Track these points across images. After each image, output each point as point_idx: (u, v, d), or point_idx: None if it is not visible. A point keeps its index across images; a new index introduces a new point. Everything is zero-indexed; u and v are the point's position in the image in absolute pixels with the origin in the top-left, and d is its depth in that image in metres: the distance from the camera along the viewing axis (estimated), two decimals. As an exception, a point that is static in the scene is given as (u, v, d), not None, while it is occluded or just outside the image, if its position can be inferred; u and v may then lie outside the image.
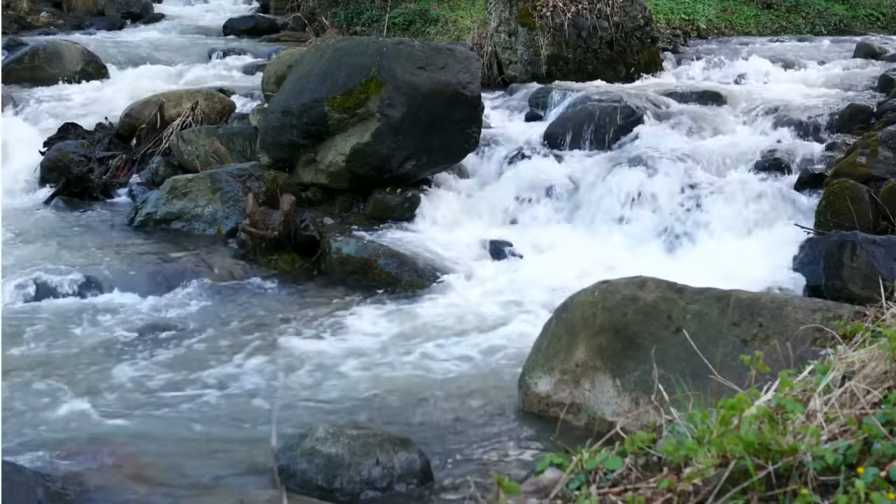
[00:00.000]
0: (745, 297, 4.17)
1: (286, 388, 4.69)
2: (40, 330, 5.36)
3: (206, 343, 5.26)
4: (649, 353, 3.91)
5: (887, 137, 6.45)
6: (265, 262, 6.50)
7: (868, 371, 2.39)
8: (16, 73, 10.98)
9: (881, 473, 1.97)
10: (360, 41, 8.12)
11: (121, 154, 8.48)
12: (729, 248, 6.42)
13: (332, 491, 3.61)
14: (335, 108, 7.16)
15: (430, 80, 7.23)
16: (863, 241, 5.56)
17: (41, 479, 3.26)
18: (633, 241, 6.73)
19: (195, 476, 3.78)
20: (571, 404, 4.20)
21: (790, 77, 9.79)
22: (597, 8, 10.09)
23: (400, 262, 6.29)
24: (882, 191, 6.04)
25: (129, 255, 6.55)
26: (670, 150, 7.27)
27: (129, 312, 5.67)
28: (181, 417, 4.36)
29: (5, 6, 14.78)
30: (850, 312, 3.88)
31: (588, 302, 4.30)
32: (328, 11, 15.02)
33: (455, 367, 5.00)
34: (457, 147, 7.45)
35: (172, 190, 7.27)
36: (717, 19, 13.03)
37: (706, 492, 2.02)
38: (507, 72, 10.21)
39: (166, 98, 8.92)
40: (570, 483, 2.24)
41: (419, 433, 4.16)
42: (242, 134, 8.28)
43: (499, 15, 10.28)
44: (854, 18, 13.70)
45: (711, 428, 2.19)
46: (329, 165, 7.26)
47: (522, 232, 6.99)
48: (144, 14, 16.66)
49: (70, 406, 4.42)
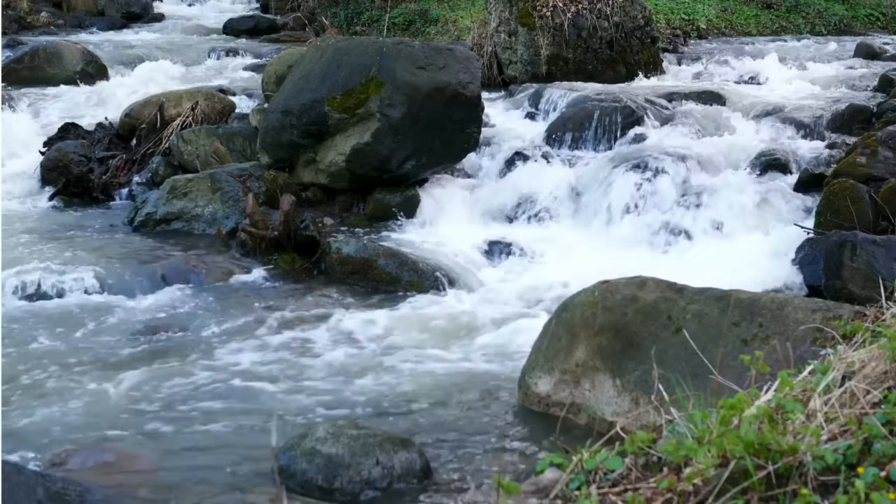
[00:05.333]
0: (745, 297, 4.16)
1: (286, 388, 4.68)
2: (40, 330, 5.36)
3: (205, 343, 5.26)
4: (649, 353, 3.91)
5: (887, 137, 6.45)
6: (265, 262, 6.50)
7: (868, 371, 2.40)
8: (16, 73, 10.98)
9: (881, 473, 1.97)
10: (360, 41, 8.12)
11: (121, 154, 8.48)
12: (729, 247, 6.42)
13: (332, 491, 3.61)
14: (335, 108, 7.16)
15: (430, 80, 7.23)
16: (863, 241, 5.56)
17: (41, 479, 3.26)
18: (632, 240, 6.73)
19: (195, 476, 3.78)
20: (571, 404, 4.20)
21: (790, 77, 9.79)
22: (597, 8, 10.10)
23: (400, 262, 6.29)
24: (882, 191, 6.04)
25: (129, 255, 6.54)
26: (670, 150, 7.28)
27: (129, 312, 5.67)
28: (181, 417, 4.36)
29: (5, 6, 14.79)
30: (850, 312, 3.88)
31: (588, 302, 4.30)
32: (328, 11, 15.03)
33: (455, 367, 4.99)
34: (457, 147, 7.45)
35: (172, 190, 7.27)
36: (717, 19, 13.04)
37: (706, 492, 2.02)
38: (507, 72, 10.21)
39: (166, 98, 8.91)
40: (570, 483, 2.25)
41: (419, 433, 4.16)
42: (242, 134, 8.28)
43: (499, 15, 10.28)
44: (854, 18, 13.71)
45: (711, 428, 2.19)
46: (329, 165, 7.26)
47: (522, 232, 6.99)
48: (144, 14, 16.68)
49: (70, 406, 4.42)
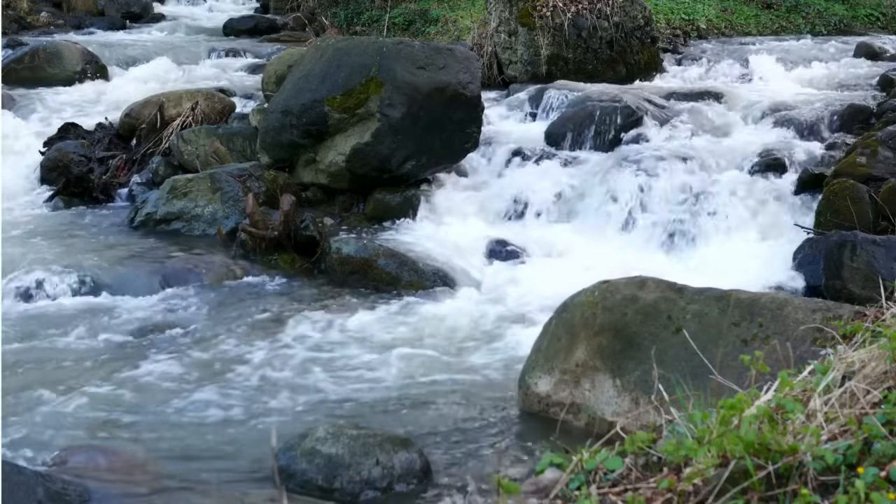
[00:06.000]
0: (745, 297, 4.16)
1: (286, 388, 4.68)
2: (40, 330, 5.36)
3: (205, 343, 5.26)
4: (649, 353, 3.91)
5: (887, 137, 6.45)
6: (265, 262, 6.50)
7: (868, 371, 2.40)
8: (16, 73, 10.97)
9: (881, 473, 1.97)
10: (360, 41, 8.12)
11: (121, 154, 8.48)
12: (729, 248, 6.42)
13: (332, 491, 3.61)
14: (335, 108, 7.16)
15: (430, 80, 7.22)
16: (863, 241, 5.56)
17: (41, 479, 3.25)
18: (632, 241, 6.73)
19: (195, 476, 3.78)
20: (571, 404, 4.20)
21: (790, 77, 9.78)
22: (597, 8, 10.09)
23: (400, 262, 6.29)
24: (882, 191, 6.04)
25: (129, 256, 6.54)
26: (670, 150, 7.28)
27: (129, 312, 5.67)
28: (181, 417, 4.36)
29: (5, 6, 14.78)
30: (850, 312, 3.88)
31: (588, 302, 4.30)
32: (328, 11, 15.03)
33: (455, 367, 4.99)
34: (457, 147, 7.45)
35: (172, 190, 7.27)
36: (717, 19, 13.03)
37: (706, 492, 2.02)
38: (507, 72, 10.21)
39: (166, 98, 8.91)
40: (570, 483, 2.25)
41: (419, 433, 4.16)
42: (242, 134, 8.27)
43: (499, 15, 10.28)
44: (854, 18, 13.70)
45: (711, 428, 2.19)
46: (329, 165, 7.25)
47: (522, 232, 6.99)
48: (144, 14, 16.69)
49: (70, 406, 4.42)
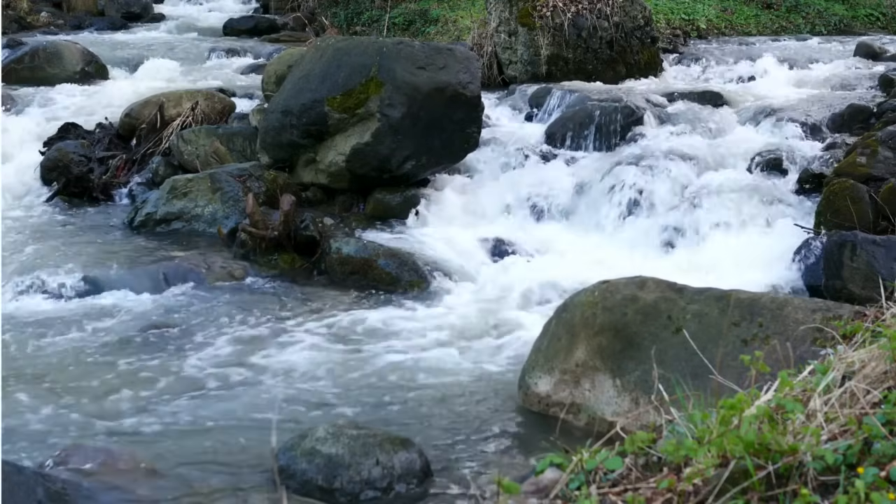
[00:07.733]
0: (745, 297, 4.16)
1: (286, 388, 4.68)
2: (40, 330, 5.36)
3: (205, 343, 5.26)
4: (649, 353, 3.91)
5: (887, 137, 6.44)
6: (265, 262, 6.50)
7: (868, 371, 2.40)
8: (16, 73, 10.95)
9: (881, 473, 1.97)
10: (360, 41, 8.12)
11: (121, 154, 8.47)
12: (729, 248, 6.41)
13: (332, 491, 3.61)
14: (335, 108, 7.16)
15: (430, 80, 7.23)
16: (863, 241, 5.56)
17: (41, 479, 3.25)
18: (633, 241, 6.73)
19: (195, 476, 3.78)
20: (571, 404, 4.20)
21: (790, 77, 9.78)
22: (597, 8, 10.09)
23: (400, 262, 6.29)
24: (882, 191, 6.04)
25: (129, 256, 6.55)
26: (670, 150, 7.27)
27: (129, 312, 5.67)
28: (181, 417, 4.36)
29: (5, 6, 14.78)
30: (850, 312, 3.88)
31: (588, 302, 4.30)
32: (328, 11, 15.02)
33: (455, 367, 4.99)
34: (457, 147, 7.45)
35: (172, 190, 7.27)
36: (717, 19, 13.02)
37: (706, 492, 2.02)
38: (507, 72, 10.21)
39: (166, 98, 8.91)
40: (570, 483, 2.25)
41: (419, 433, 4.16)
42: (242, 134, 8.27)
43: (499, 15, 10.28)
44: (854, 18, 13.70)
45: (711, 428, 2.19)
46: (329, 165, 7.26)
47: (522, 232, 6.99)
48: (144, 14, 16.67)
49: (70, 406, 4.42)
